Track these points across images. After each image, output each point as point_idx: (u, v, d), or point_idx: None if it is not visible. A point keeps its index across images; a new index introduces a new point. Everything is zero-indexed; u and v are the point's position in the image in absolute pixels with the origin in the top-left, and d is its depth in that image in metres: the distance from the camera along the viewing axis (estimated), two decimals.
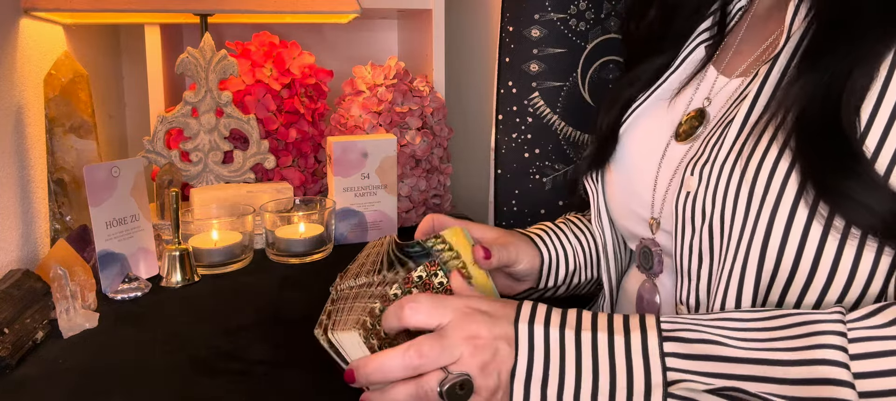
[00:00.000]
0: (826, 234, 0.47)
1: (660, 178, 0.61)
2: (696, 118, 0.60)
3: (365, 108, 1.06)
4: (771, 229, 0.48)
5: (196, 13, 0.96)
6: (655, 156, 0.62)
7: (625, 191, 0.66)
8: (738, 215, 0.50)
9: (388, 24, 1.43)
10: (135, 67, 1.29)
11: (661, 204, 0.61)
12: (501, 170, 1.10)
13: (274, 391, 0.55)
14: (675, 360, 0.45)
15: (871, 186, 0.45)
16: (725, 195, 0.51)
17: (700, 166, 0.54)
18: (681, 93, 0.64)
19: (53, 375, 0.58)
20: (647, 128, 0.66)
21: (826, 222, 0.46)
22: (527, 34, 1.05)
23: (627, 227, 0.66)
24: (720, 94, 0.60)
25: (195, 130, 0.95)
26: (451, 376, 0.47)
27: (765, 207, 0.48)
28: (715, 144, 0.54)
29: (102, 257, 0.74)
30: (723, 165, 0.52)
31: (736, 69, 0.61)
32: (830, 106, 0.47)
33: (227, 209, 0.90)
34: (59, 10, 0.87)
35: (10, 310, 0.64)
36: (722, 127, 0.55)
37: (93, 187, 0.73)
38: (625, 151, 0.67)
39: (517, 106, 1.08)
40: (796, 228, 0.47)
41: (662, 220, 0.60)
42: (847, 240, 0.46)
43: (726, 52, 0.64)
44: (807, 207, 0.47)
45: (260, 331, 0.67)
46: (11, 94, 0.81)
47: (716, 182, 0.52)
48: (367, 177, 0.95)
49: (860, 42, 0.47)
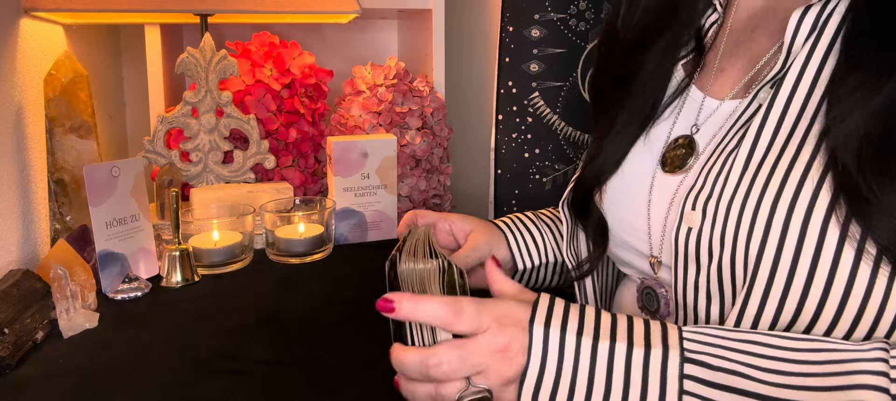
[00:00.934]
0: (858, 260, 0.43)
1: (653, 212, 0.57)
2: (684, 146, 0.56)
3: (365, 108, 1.06)
4: (797, 262, 0.45)
5: (196, 13, 0.96)
6: (643, 185, 0.58)
7: (619, 226, 0.62)
8: (752, 251, 0.47)
9: (388, 24, 1.43)
10: (135, 67, 1.29)
11: (661, 241, 0.57)
12: (501, 170, 1.10)
13: (274, 391, 0.55)
14: (694, 385, 0.43)
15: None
16: (737, 231, 0.48)
17: (703, 201, 0.51)
18: (661, 114, 0.60)
19: (53, 375, 0.58)
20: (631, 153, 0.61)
21: (858, 245, 0.43)
22: (527, 34, 1.05)
23: (622, 257, 0.63)
24: (712, 119, 0.56)
25: (195, 130, 0.95)
26: (471, 390, 0.46)
27: (787, 239, 0.45)
28: (718, 176, 0.51)
29: (102, 257, 0.74)
30: (732, 199, 0.49)
31: (725, 90, 0.57)
32: (885, 128, 0.43)
33: (227, 209, 0.90)
34: (59, 10, 0.87)
35: (10, 310, 0.64)
36: (723, 157, 0.52)
37: (93, 187, 0.73)
38: (614, 182, 0.62)
39: (517, 106, 1.08)
40: (825, 258, 0.44)
41: (663, 258, 0.57)
42: (880, 267, 0.43)
43: (708, 70, 0.60)
44: (838, 227, 0.44)
45: (260, 331, 0.67)
46: (11, 94, 0.81)
47: (725, 217, 0.49)
48: (367, 177, 0.95)
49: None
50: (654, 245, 0.57)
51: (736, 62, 0.58)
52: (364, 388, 0.56)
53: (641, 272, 0.60)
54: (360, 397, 0.55)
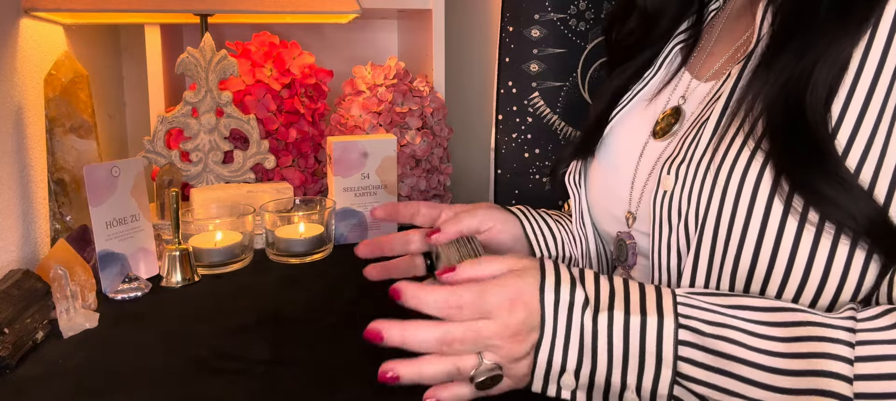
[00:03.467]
0: (801, 229, 0.46)
1: (638, 175, 0.62)
2: (672, 115, 0.61)
3: (365, 108, 1.06)
4: (748, 225, 0.48)
5: (196, 13, 0.96)
6: (635, 154, 0.64)
7: (604, 192, 0.67)
8: (711, 212, 0.50)
9: (388, 24, 1.43)
10: (135, 67, 1.29)
11: (639, 201, 0.62)
12: (501, 170, 1.10)
13: (274, 391, 0.56)
14: (688, 350, 0.46)
15: (840, 183, 0.45)
16: (700, 194, 0.51)
17: (676, 165, 0.55)
18: (660, 94, 0.66)
19: (53, 375, 0.58)
20: (629, 128, 0.67)
21: (801, 217, 0.46)
22: (527, 34, 1.05)
23: (606, 230, 0.68)
24: (694, 95, 0.62)
25: (195, 130, 0.95)
26: (484, 367, 0.48)
27: (740, 203, 0.49)
28: (690, 143, 0.55)
29: (102, 257, 0.74)
30: (698, 164, 0.53)
31: (707, 71, 0.62)
32: (794, 102, 0.47)
33: (227, 209, 0.90)
34: (59, 10, 0.87)
35: (10, 310, 0.64)
36: (697, 126, 0.56)
37: (93, 187, 0.73)
38: (608, 150, 0.68)
39: (517, 106, 1.08)
40: (772, 224, 0.47)
41: (638, 215, 0.61)
42: (822, 235, 0.46)
43: (701, 54, 0.65)
44: (782, 201, 0.47)
45: (260, 331, 0.67)
46: (11, 94, 0.81)
47: (692, 181, 0.52)
48: (367, 177, 0.95)
49: (818, 37, 0.47)
50: (632, 204, 0.63)
51: (722, 47, 0.63)
52: (364, 388, 0.56)
53: (620, 232, 0.65)
54: (360, 397, 0.55)
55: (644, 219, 0.60)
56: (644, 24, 0.70)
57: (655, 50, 0.69)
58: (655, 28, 0.69)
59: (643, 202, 0.61)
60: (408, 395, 0.54)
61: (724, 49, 0.62)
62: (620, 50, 0.73)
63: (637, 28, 0.70)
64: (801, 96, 0.47)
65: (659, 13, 0.69)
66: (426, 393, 0.50)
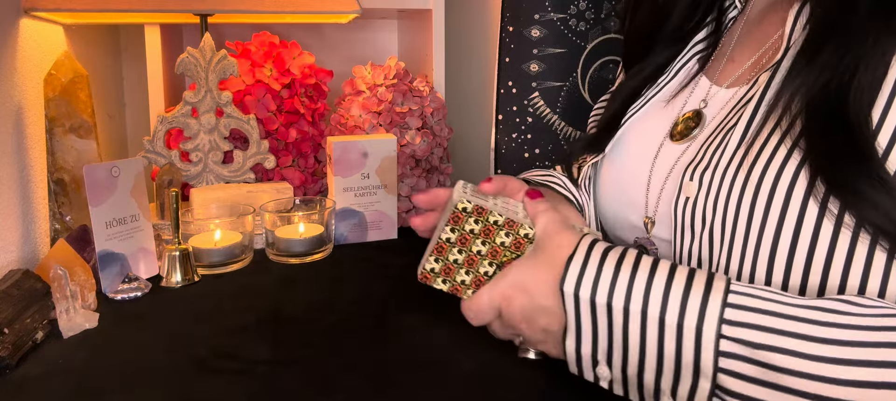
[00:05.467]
0: (837, 231, 0.46)
1: (653, 178, 0.62)
2: (693, 119, 0.61)
3: (365, 108, 1.06)
4: (780, 229, 0.47)
5: (196, 13, 0.96)
6: (649, 155, 0.63)
7: (616, 192, 0.67)
8: (741, 219, 0.50)
9: (388, 24, 1.43)
10: (135, 67, 1.29)
11: (656, 205, 0.61)
12: (501, 170, 1.10)
13: (274, 391, 0.55)
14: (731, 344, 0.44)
15: (881, 185, 0.44)
16: (728, 200, 0.51)
17: (700, 172, 0.54)
18: (676, 97, 0.65)
19: (53, 375, 0.58)
20: (643, 129, 0.66)
21: (837, 219, 0.45)
22: (527, 34, 1.06)
23: (619, 236, 0.67)
24: (715, 100, 0.61)
25: (195, 130, 0.95)
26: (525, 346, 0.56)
27: (772, 207, 0.48)
28: (716, 149, 0.54)
29: (102, 257, 0.74)
30: (726, 170, 0.52)
31: (728, 77, 0.62)
32: (836, 102, 0.46)
33: (227, 209, 0.90)
34: (59, 10, 0.87)
35: (10, 310, 0.64)
36: (723, 132, 0.55)
37: (93, 187, 0.73)
38: (621, 150, 0.67)
39: (517, 106, 1.08)
40: (807, 227, 0.46)
41: (658, 220, 0.61)
42: (859, 238, 0.45)
43: (719, 59, 0.65)
44: (816, 204, 0.46)
45: (260, 331, 0.67)
46: (11, 94, 0.81)
47: (718, 187, 0.52)
48: (367, 177, 0.95)
49: (863, 35, 0.46)
50: (650, 206, 0.62)
51: (744, 53, 0.62)
52: (364, 388, 0.56)
53: (635, 229, 0.65)
54: (359, 397, 0.55)
55: (664, 224, 0.60)
56: (656, 13, 0.69)
57: (671, 53, 0.68)
58: (669, 19, 0.68)
59: (662, 207, 0.60)
60: (408, 395, 0.54)
61: (746, 55, 0.61)
62: (636, 41, 0.72)
63: (650, 15, 0.70)
64: (843, 96, 0.46)
65: (671, 4, 0.68)
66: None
